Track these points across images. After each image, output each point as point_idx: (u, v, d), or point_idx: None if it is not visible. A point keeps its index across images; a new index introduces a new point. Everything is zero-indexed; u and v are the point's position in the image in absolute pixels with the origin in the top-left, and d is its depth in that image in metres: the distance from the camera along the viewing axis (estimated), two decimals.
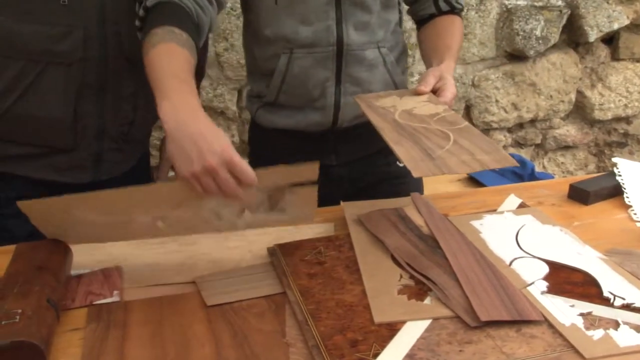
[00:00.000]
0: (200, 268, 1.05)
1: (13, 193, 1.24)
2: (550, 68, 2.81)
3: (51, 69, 1.13)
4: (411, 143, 1.04)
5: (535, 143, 3.00)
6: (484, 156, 0.99)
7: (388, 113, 1.16)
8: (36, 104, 1.15)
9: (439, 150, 1.01)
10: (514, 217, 1.21)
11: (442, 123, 1.11)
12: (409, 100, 1.20)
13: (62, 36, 1.11)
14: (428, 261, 1.03)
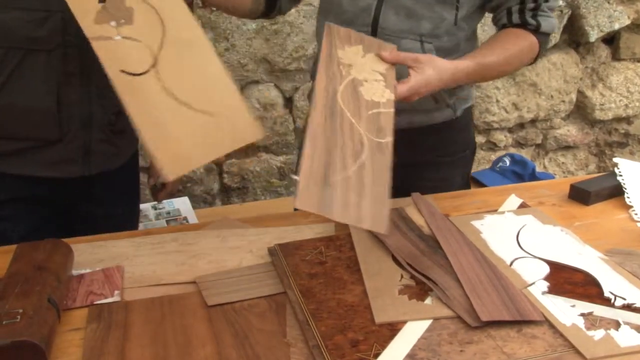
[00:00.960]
0: (201, 268, 1.05)
1: (7, 194, 1.25)
2: (551, 68, 2.81)
3: (32, 57, 1.12)
4: (323, 148, 0.99)
5: (535, 143, 3.00)
6: (366, 210, 0.93)
7: (336, 79, 1.09)
8: (19, 94, 1.14)
9: (340, 172, 0.96)
10: (515, 217, 1.21)
11: (371, 125, 1.05)
12: (368, 64, 1.13)
13: (40, 21, 1.10)
14: (429, 261, 1.03)
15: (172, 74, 1.02)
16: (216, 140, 1.03)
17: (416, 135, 1.37)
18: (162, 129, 1.00)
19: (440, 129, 1.38)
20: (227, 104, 1.04)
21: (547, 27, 1.26)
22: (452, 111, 1.37)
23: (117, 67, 1.00)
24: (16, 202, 1.26)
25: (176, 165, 1.00)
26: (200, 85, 1.04)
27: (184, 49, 1.05)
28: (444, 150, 1.42)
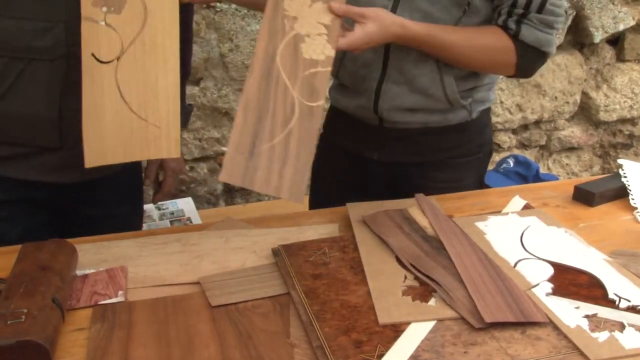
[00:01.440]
0: (205, 268, 1.05)
1: (4, 196, 1.25)
2: (555, 69, 2.81)
3: (34, 66, 1.13)
4: (254, 117, 1.05)
5: (539, 144, 2.99)
6: (286, 179, 1.04)
7: (277, 36, 1.11)
8: (21, 102, 1.15)
9: (267, 141, 1.05)
10: (519, 219, 1.21)
11: (305, 88, 1.09)
12: (314, 16, 1.13)
13: (43, 31, 1.10)
14: (433, 262, 1.03)
15: (128, 71, 1.09)
16: (140, 145, 1.11)
17: (430, 135, 1.37)
18: (100, 118, 1.08)
19: (455, 130, 1.38)
20: (162, 117, 1.11)
21: (529, 37, 1.21)
22: (467, 113, 1.36)
23: (90, 49, 1.07)
24: (14, 204, 1.26)
25: (97, 156, 1.09)
26: (147, 91, 1.10)
27: (150, 52, 1.10)
28: (457, 151, 1.41)
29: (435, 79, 1.29)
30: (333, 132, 1.52)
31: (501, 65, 1.26)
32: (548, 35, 1.22)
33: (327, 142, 1.55)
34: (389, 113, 1.33)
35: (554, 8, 1.20)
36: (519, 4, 1.19)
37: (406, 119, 1.34)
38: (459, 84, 1.30)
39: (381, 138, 1.39)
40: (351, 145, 1.45)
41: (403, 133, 1.37)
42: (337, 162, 1.51)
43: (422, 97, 1.31)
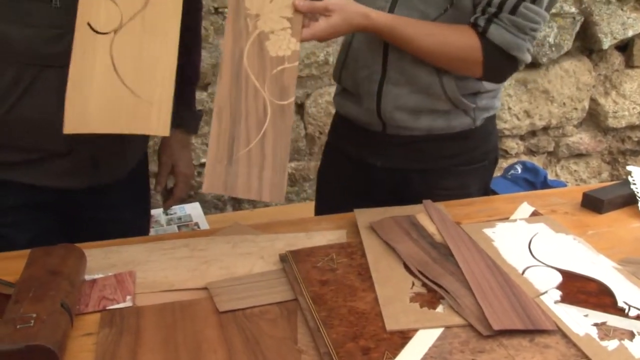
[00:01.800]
0: (213, 274, 1.05)
1: (12, 201, 1.25)
2: (564, 75, 2.80)
3: (45, 72, 1.14)
4: (229, 122, 1.08)
5: (547, 151, 2.99)
6: (266, 180, 1.08)
7: (242, 37, 1.12)
8: (32, 108, 1.15)
9: (243, 146, 1.08)
10: (527, 226, 1.21)
11: (274, 86, 1.11)
12: (275, 10, 1.13)
13: (55, 39, 1.11)
14: (440, 269, 1.03)
15: (125, 45, 1.08)
16: (126, 118, 1.09)
17: (433, 142, 1.37)
18: (88, 86, 1.07)
19: (458, 137, 1.38)
20: (156, 94, 1.09)
21: (497, 36, 1.19)
22: (471, 120, 1.36)
23: (86, 18, 1.06)
24: (22, 209, 1.27)
25: (78, 122, 1.07)
26: (143, 68, 1.09)
27: (149, 31, 1.09)
28: (461, 159, 1.41)
29: (434, 78, 1.29)
30: (337, 138, 1.53)
31: (467, 63, 1.24)
32: (518, 39, 1.20)
33: (332, 147, 1.56)
34: (392, 115, 1.33)
35: (528, 12, 1.18)
36: (493, 3, 1.19)
37: (409, 124, 1.34)
38: (459, 84, 1.30)
39: (384, 145, 1.40)
40: (355, 151, 1.45)
41: (406, 140, 1.37)
42: (341, 168, 1.51)
43: (424, 96, 1.31)
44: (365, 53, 1.34)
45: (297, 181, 2.63)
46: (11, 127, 1.17)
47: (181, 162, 1.48)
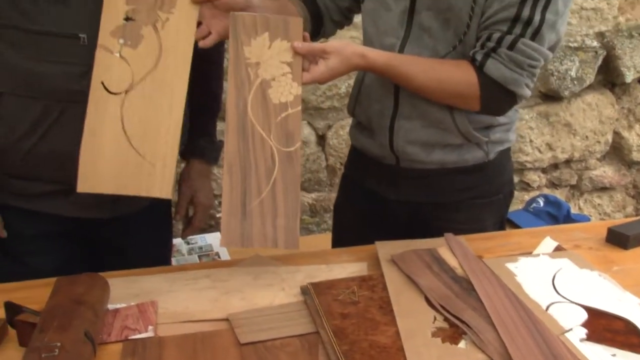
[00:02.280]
0: (234, 305, 1.06)
1: (38, 230, 1.28)
2: (586, 108, 2.79)
3: (71, 107, 1.16)
4: (239, 176, 1.11)
5: (570, 184, 2.96)
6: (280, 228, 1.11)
7: (245, 87, 1.13)
8: (58, 142, 1.18)
9: (255, 198, 1.11)
10: (550, 261, 1.19)
11: (280, 134, 1.13)
12: (275, 57, 1.15)
13: (82, 75, 1.14)
14: (463, 303, 1.02)
15: (134, 106, 1.12)
16: (132, 180, 1.13)
17: (447, 176, 1.37)
18: (99, 146, 1.11)
19: (472, 171, 1.38)
20: (160, 156, 1.13)
21: (493, 70, 1.20)
22: (484, 153, 1.36)
23: (100, 77, 1.11)
24: (47, 237, 1.29)
25: (89, 183, 1.11)
26: (149, 128, 1.12)
27: (158, 91, 1.13)
28: (475, 192, 1.40)
29: (446, 113, 1.29)
30: (353, 170, 1.54)
31: (464, 97, 1.24)
32: (515, 74, 1.20)
33: (348, 179, 1.57)
34: (404, 149, 1.34)
35: (526, 49, 1.18)
36: (492, 38, 1.19)
37: (422, 158, 1.34)
38: (471, 118, 1.30)
39: (398, 178, 1.40)
40: (370, 184, 1.46)
41: (420, 173, 1.37)
42: (357, 200, 1.52)
43: (436, 130, 1.31)
44: (378, 88, 1.35)
45: (317, 212, 2.64)
46: (38, 159, 1.20)
47: (201, 193, 1.49)
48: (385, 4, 1.30)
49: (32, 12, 1.11)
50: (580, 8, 2.64)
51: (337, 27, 1.46)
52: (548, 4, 1.16)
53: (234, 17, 1.13)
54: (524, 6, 1.16)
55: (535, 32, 1.17)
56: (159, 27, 1.12)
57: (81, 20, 1.13)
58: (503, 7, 1.17)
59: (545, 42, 1.19)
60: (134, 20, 1.11)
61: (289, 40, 1.14)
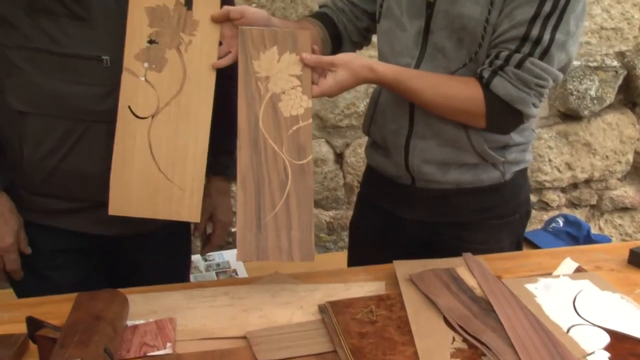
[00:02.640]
0: (252, 323, 1.06)
1: (59, 245, 1.30)
2: (606, 128, 2.77)
3: (94, 127, 1.18)
4: (253, 190, 1.12)
5: (590, 204, 2.93)
6: (295, 241, 1.12)
7: (255, 101, 1.14)
8: (81, 161, 1.20)
9: (269, 211, 1.12)
10: (571, 282, 1.18)
11: (292, 147, 1.14)
12: (284, 70, 1.15)
13: (104, 96, 1.17)
14: (482, 324, 1.01)
15: (161, 131, 1.14)
16: (162, 204, 1.15)
17: (463, 196, 1.36)
18: (129, 170, 1.13)
19: (488, 191, 1.37)
20: (188, 180, 1.15)
21: (499, 88, 1.19)
22: (500, 174, 1.35)
23: (127, 101, 1.13)
24: (68, 253, 1.31)
25: (121, 206, 1.14)
26: (176, 153, 1.15)
27: (183, 116, 1.15)
28: (492, 213, 1.39)
29: (461, 132, 1.29)
30: (369, 189, 1.54)
31: (470, 114, 1.24)
32: (522, 93, 1.19)
33: (364, 198, 1.57)
34: (420, 168, 1.34)
35: (534, 68, 1.18)
36: (500, 56, 1.19)
37: (438, 178, 1.34)
38: (486, 137, 1.29)
39: (414, 198, 1.40)
40: (385, 203, 1.46)
41: (435, 193, 1.37)
42: (373, 219, 1.51)
43: (451, 149, 1.31)
44: (393, 108, 1.35)
45: (335, 230, 2.64)
46: (60, 177, 1.22)
47: (219, 210, 1.50)
48: (400, 24, 1.31)
49: (59, 36, 1.14)
50: (600, 28, 2.63)
51: (356, 47, 1.48)
52: (559, 23, 1.16)
53: (242, 31, 1.15)
54: (533, 25, 1.16)
55: (544, 52, 1.17)
56: (183, 50, 1.14)
57: (104, 42, 1.15)
58: (512, 25, 1.17)
59: (554, 62, 1.19)
60: (158, 43, 1.13)
61: (297, 53, 1.15)
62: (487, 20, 1.19)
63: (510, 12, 1.17)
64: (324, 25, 1.38)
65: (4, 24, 1.14)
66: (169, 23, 1.13)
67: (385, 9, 1.34)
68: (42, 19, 1.13)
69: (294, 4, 2.28)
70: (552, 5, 1.14)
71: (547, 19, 1.15)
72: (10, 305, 1.13)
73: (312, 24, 1.37)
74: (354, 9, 1.42)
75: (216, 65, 1.16)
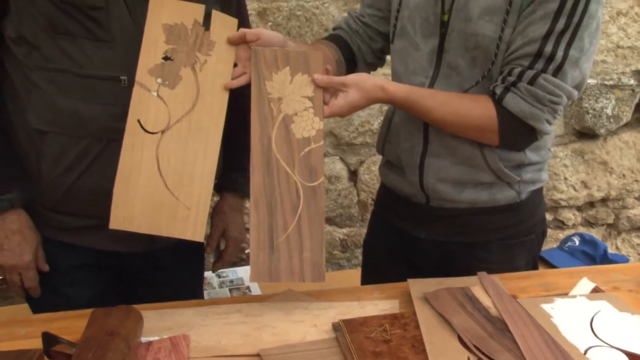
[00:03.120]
0: (265, 340, 1.05)
1: (74, 262, 1.31)
2: (623, 147, 2.75)
3: (111, 146, 1.19)
4: (266, 211, 1.13)
5: (607, 223, 2.90)
6: (306, 263, 1.13)
7: (268, 123, 1.15)
8: (97, 179, 1.21)
9: (281, 233, 1.13)
10: (588, 303, 1.16)
11: (304, 169, 1.15)
12: (296, 91, 1.16)
13: (122, 115, 1.17)
14: (497, 344, 1.00)
15: (170, 147, 1.13)
16: (166, 221, 1.14)
17: (478, 215, 1.36)
18: (134, 184, 1.12)
19: (503, 211, 1.36)
20: (194, 199, 1.15)
21: (512, 104, 1.19)
22: (516, 193, 1.34)
23: (137, 114, 1.12)
24: (83, 269, 1.32)
25: (123, 221, 1.12)
26: (184, 171, 1.14)
27: (194, 134, 1.15)
28: (507, 233, 1.38)
29: (476, 150, 1.29)
30: (383, 208, 1.54)
31: (483, 131, 1.24)
32: (535, 109, 1.19)
33: (377, 217, 1.57)
34: (435, 187, 1.33)
35: (547, 84, 1.17)
36: (513, 73, 1.19)
37: (453, 197, 1.33)
38: (501, 155, 1.29)
39: (428, 217, 1.39)
40: (399, 222, 1.45)
41: (450, 212, 1.36)
42: (386, 237, 1.51)
43: (466, 168, 1.31)
44: (407, 126, 1.35)
45: (348, 247, 2.63)
46: (77, 195, 1.23)
47: (232, 226, 1.50)
48: (414, 43, 1.31)
49: (78, 57, 1.16)
50: (616, 46, 2.63)
51: (370, 68, 1.49)
52: (572, 40, 1.16)
53: (255, 52, 1.16)
54: (547, 42, 1.16)
55: (558, 68, 1.17)
56: (197, 69, 1.15)
57: (123, 63, 1.17)
58: (526, 42, 1.17)
59: (568, 79, 1.19)
60: (173, 61, 1.14)
61: (309, 74, 1.16)
62: (501, 38, 1.20)
63: (523, 29, 1.17)
64: (338, 47, 1.40)
65: (25, 44, 1.16)
66: (185, 41, 1.14)
67: (399, 28, 1.35)
68: (62, 40, 1.15)
69: (309, 23, 2.30)
70: (565, 22, 1.14)
71: (561, 35, 1.15)
72: (26, 321, 1.14)
73: (327, 46, 1.38)
74: (368, 30, 1.43)
75: (229, 85, 1.16)
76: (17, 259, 1.24)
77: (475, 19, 1.21)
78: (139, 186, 1.12)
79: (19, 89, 1.21)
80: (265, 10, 2.25)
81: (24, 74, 1.19)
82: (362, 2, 1.45)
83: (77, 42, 1.15)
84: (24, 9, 1.14)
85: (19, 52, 1.17)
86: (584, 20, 1.15)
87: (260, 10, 2.24)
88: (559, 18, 1.14)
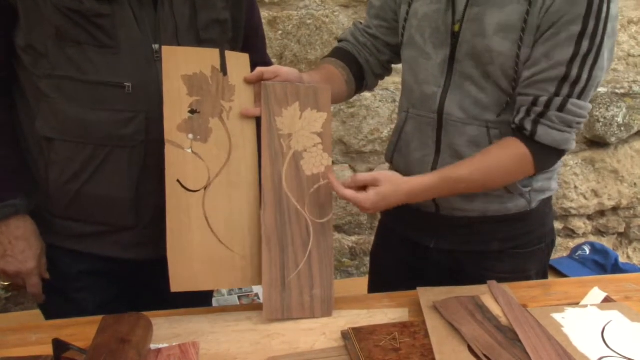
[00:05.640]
0: (274, 348, 1.06)
1: (82, 268, 1.31)
2: (634, 155, 2.73)
3: (116, 152, 1.21)
4: (277, 249, 1.14)
5: (618, 232, 2.88)
6: (317, 299, 1.16)
7: (279, 160, 1.14)
8: (103, 186, 1.22)
9: (293, 270, 1.15)
10: (599, 312, 1.16)
11: (314, 206, 1.16)
12: (306, 127, 1.16)
13: (127, 121, 1.18)
14: (507, 354, 0.99)
15: (215, 202, 1.13)
16: (225, 274, 1.15)
17: (488, 224, 1.35)
18: (187, 245, 1.12)
19: (513, 220, 1.35)
20: (247, 248, 1.16)
21: (544, 137, 1.19)
22: (526, 202, 1.34)
23: (175, 174, 1.11)
24: (92, 276, 1.32)
25: (184, 282, 1.13)
26: (233, 222, 1.15)
27: (234, 184, 1.15)
28: (517, 242, 1.38)
29: None
30: (391, 218, 1.53)
31: (520, 174, 1.26)
32: (566, 134, 1.20)
33: (385, 226, 1.56)
34: (446, 198, 1.32)
35: (575, 109, 1.18)
36: (539, 102, 1.18)
37: (463, 206, 1.33)
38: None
39: (438, 226, 1.39)
40: (408, 231, 1.45)
41: (460, 222, 1.36)
42: (394, 247, 1.51)
43: None
44: (419, 136, 1.35)
45: (357, 255, 2.63)
46: (83, 201, 1.24)
47: None
48: (424, 53, 1.31)
49: (85, 64, 1.17)
50: (627, 55, 2.62)
51: (378, 79, 1.50)
52: (596, 61, 1.15)
53: (265, 87, 1.15)
54: (572, 65, 1.15)
55: (583, 91, 1.17)
56: (225, 117, 1.14)
57: (128, 69, 1.18)
58: (551, 65, 1.16)
59: (589, 98, 1.20)
60: (200, 113, 1.12)
61: (319, 109, 1.17)
62: (518, 56, 1.19)
63: (548, 52, 1.16)
64: (346, 64, 1.40)
65: (34, 53, 1.18)
66: (208, 91, 1.12)
67: (406, 38, 1.35)
68: (68, 48, 1.16)
69: (319, 31, 2.31)
70: (589, 44, 1.14)
71: (585, 58, 1.15)
72: (37, 327, 1.14)
73: (335, 65, 1.39)
74: (376, 42, 1.44)
75: (248, 113, 1.16)
76: (20, 265, 1.24)
77: (490, 35, 1.20)
78: (194, 246, 1.12)
79: (29, 98, 1.22)
80: (275, 19, 2.27)
81: (33, 82, 1.20)
82: (368, 14, 1.46)
83: (82, 49, 1.16)
84: (33, 18, 1.15)
85: (28, 61, 1.19)
86: (605, 41, 1.15)
87: (271, 19, 2.25)
88: (582, 41, 1.14)
